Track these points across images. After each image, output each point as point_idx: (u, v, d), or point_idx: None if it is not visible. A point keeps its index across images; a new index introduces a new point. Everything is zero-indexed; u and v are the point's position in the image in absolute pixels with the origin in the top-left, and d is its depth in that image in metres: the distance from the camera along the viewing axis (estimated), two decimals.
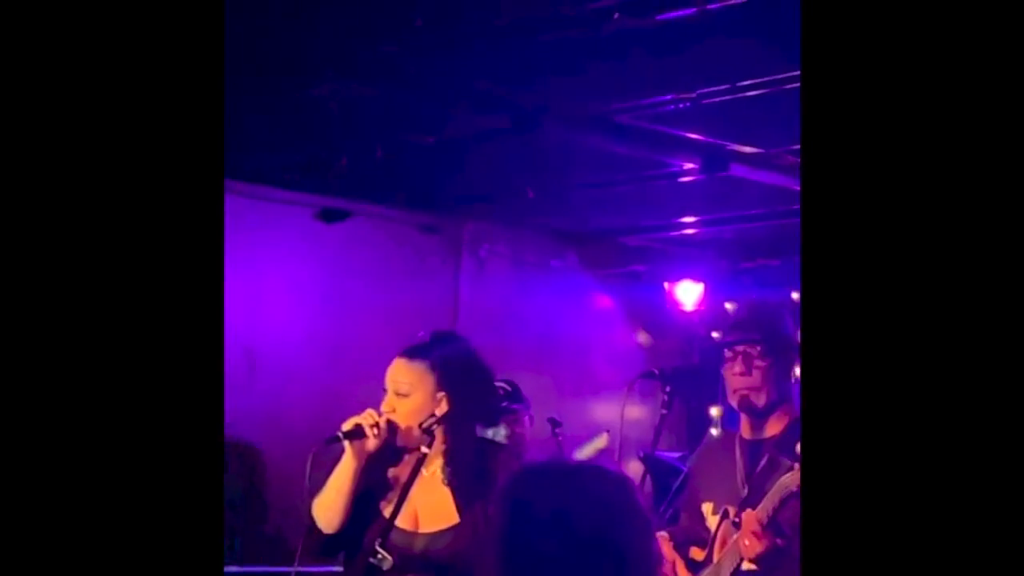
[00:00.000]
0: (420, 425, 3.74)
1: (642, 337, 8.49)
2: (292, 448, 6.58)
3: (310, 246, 7.02)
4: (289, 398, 6.81)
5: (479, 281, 7.74)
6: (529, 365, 7.33)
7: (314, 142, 6.07)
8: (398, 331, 3.97)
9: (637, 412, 6.06)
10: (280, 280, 6.90)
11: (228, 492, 6.70)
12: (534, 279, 7.96)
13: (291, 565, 3.84)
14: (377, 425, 3.73)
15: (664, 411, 4.32)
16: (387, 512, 3.76)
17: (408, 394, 3.78)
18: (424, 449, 3.74)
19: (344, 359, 6.83)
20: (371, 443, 3.74)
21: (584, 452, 6.47)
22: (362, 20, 4.71)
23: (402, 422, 3.77)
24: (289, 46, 4.94)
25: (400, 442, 3.79)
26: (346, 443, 3.73)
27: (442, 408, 3.76)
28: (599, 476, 2.50)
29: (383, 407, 3.80)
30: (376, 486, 3.80)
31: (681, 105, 5.38)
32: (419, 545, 3.75)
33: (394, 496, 3.77)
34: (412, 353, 3.84)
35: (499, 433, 4.97)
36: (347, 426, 3.74)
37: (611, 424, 6.64)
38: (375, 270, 7.23)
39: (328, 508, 3.78)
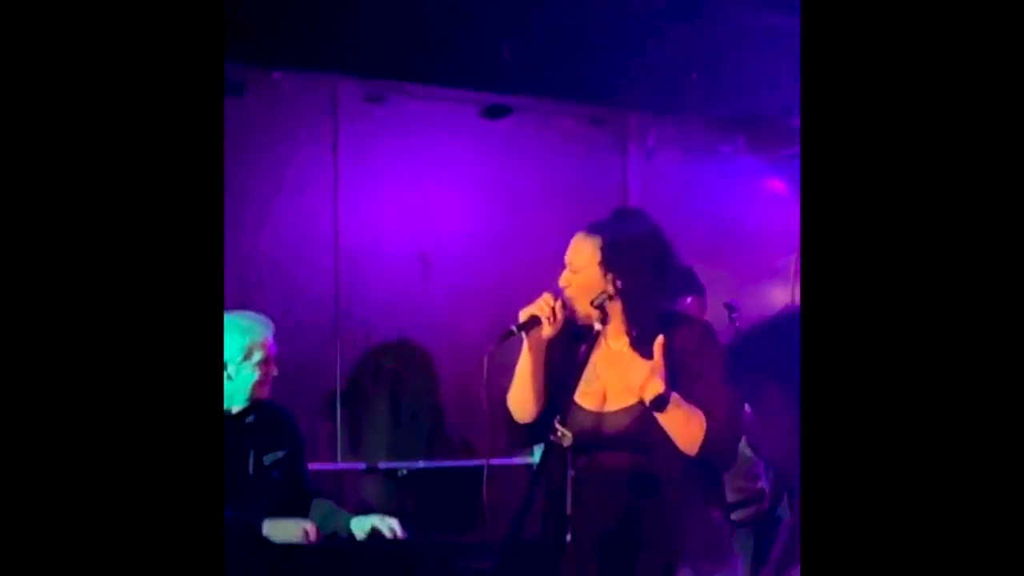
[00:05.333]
0: (592, 302, 3.72)
1: None
2: (470, 345, 6.66)
3: (476, 145, 7.02)
4: (464, 297, 6.86)
5: (648, 171, 7.66)
6: (704, 252, 7.25)
7: (472, 37, 6.05)
8: (568, 226, 3.94)
9: None
10: (449, 181, 6.92)
11: (408, 398, 6.80)
12: (703, 166, 7.85)
13: (476, 459, 3.84)
14: (553, 310, 3.71)
15: None
16: (576, 394, 3.75)
17: (579, 270, 3.76)
18: (597, 326, 3.72)
19: (516, 256, 6.84)
20: (547, 330, 3.72)
21: None
22: None
23: (574, 297, 3.75)
24: None
25: (576, 319, 3.76)
26: (522, 335, 3.71)
27: (614, 284, 3.73)
28: None
29: (560, 282, 3.79)
30: (567, 370, 3.79)
31: None
32: (607, 424, 3.73)
33: (581, 377, 3.75)
34: (590, 229, 3.82)
35: None
36: (523, 317, 3.72)
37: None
38: (542, 165, 7.21)
39: (518, 399, 3.79)
